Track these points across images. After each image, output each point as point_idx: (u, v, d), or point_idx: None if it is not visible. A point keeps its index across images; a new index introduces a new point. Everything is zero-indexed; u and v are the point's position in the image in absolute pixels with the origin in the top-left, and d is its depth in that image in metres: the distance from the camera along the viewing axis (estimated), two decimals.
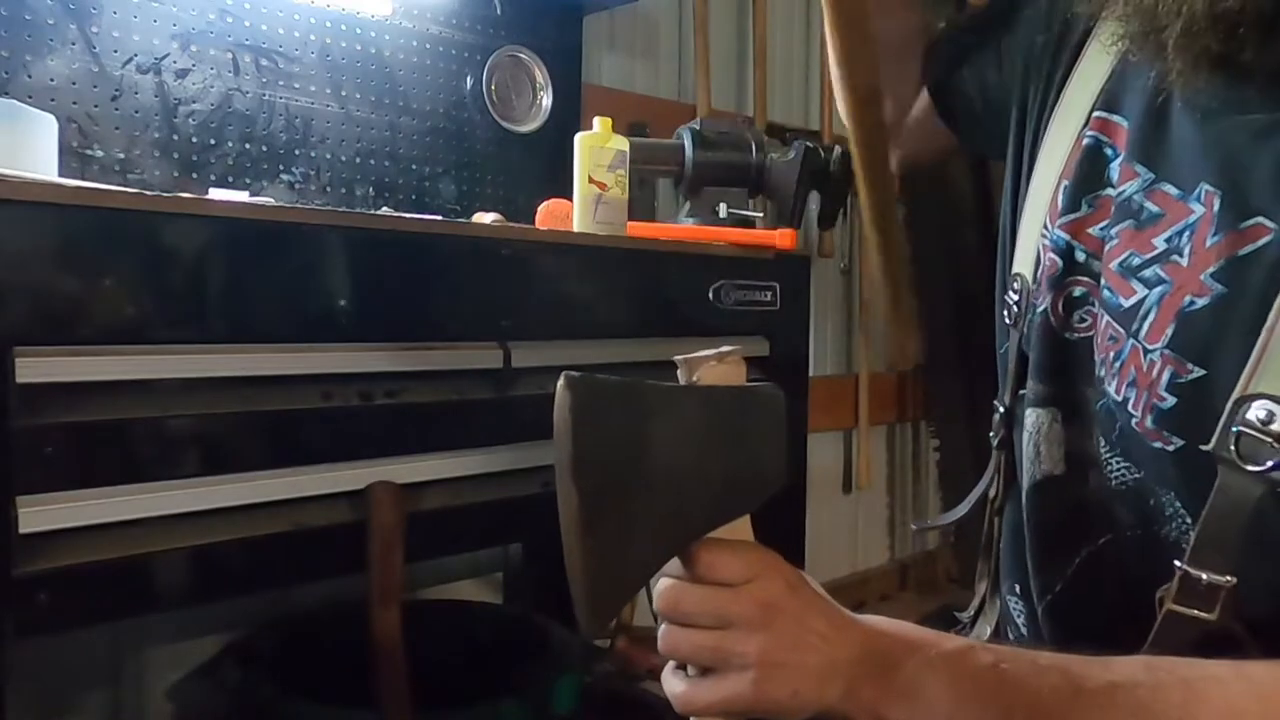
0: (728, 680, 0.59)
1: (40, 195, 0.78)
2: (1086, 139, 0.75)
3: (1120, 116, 0.73)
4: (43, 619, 0.79)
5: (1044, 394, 0.76)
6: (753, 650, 0.58)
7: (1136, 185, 0.70)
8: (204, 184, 1.40)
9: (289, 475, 0.92)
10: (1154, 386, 0.65)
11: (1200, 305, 0.63)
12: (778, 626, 0.59)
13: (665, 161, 1.49)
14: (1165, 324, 0.65)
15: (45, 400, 0.78)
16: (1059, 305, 0.75)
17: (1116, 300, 0.69)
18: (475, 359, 1.05)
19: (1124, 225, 0.70)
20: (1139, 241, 0.68)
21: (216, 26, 1.41)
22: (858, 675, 0.59)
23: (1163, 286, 0.66)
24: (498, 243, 1.08)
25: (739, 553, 0.61)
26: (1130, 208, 0.70)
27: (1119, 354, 0.68)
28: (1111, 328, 0.69)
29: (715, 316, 1.28)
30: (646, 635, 1.91)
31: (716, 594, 0.59)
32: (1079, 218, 0.74)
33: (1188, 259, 0.65)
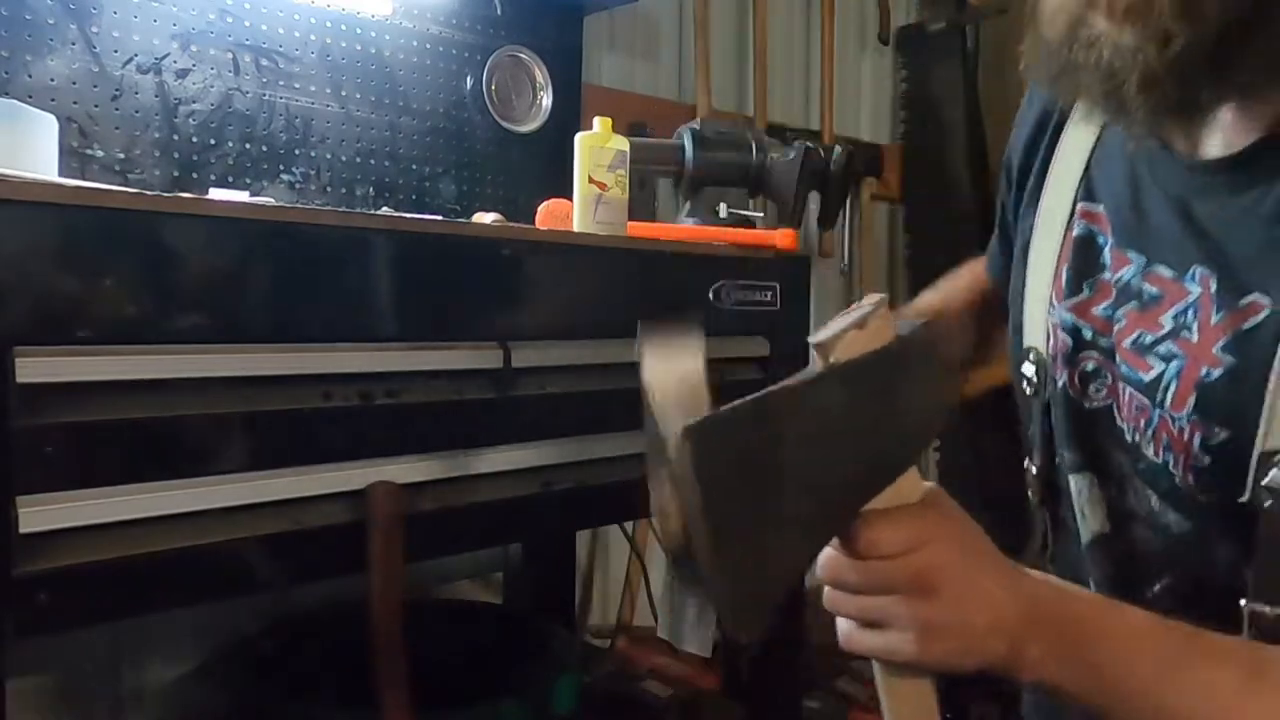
0: (890, 636, 0.60)
1: (40, 195, 0.78)
2: (1078, 227, 0.82)
3: (1100, 205, 0.81)
4: (43, 619, 0.79)
5: (1078, 461, 0.82)
6: (914, 615, 0.59)
7: (1132, 270, 0.77)
8: (204, 184, 1.40)
9: (289, 475, 0.92)
10: (1189, 449, 0.71)
11: (1216, 375, 0.69)
12: (942, 592, 0.59)
13: (665, 161, 1.49)
14: (1187, 394, 0.71)
15: (45, 400, 0.78)
16: (1075, 379, 0.81)
17: (1137, 375, 0.75)
18: (475, 359, 1.05)
19: (1128, 307, 0.76)
20: (1146, 321, 0.75)
21: (216, 26, 1.41)
22: (1024, 634, 0.61)
23: (1178, 361, 0.72)
24: (498, 243, 1.07)
25: (898, 525, 0.60)
26: (1131, 291, 0.76)
27: (1149, 422, 0.74)
28: (1136, 399, 0.75)
29: (715, 316, 1.28)
30: (647, 635, 1.91)
31: (877, 565, 0.60)
32: (1082, 300, 0.81)
33: (1197, 335, 0.71)
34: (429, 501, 1.01)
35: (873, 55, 2.77)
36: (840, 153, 1.51)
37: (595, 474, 1.15)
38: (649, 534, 1.96)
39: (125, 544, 0.82)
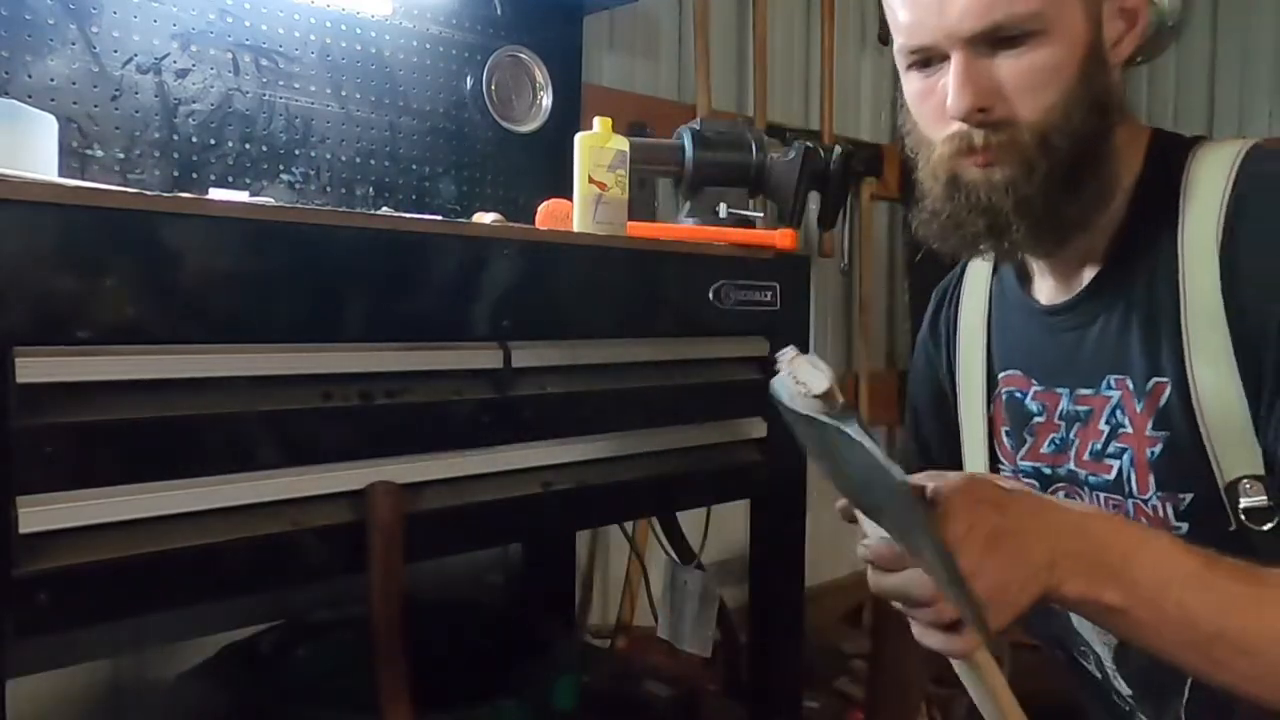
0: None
1: (40, 195, 0.78)
2: (1004, 394, 1.01)
3: (1015, 370, 1.00)
4: (43, 619, 0.79)
5: None
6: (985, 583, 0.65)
7: (1066, 401, 0.94)
8: (204, 184, 1.40)
9: (289, 475, 0.92)
10: (1167, 523, 0.84)
11: (1158, 451, 0.85)
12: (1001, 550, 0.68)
13: (665, 161, 1.49)
14: (1145, 475, 0.86)
15: (45, 400, 0.78)
16: None
17: (1102, 478, 0.90)
18: (475, 359, 1.05)
19: (1076, 428, 0.93)
20: (1091, 433, 0.91)
21: (216, 26, 1.41)
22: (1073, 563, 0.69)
23: (1129, 453, 0.87)
24: (498, 243, 1.07)
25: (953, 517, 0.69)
26: (1071, 416, 0.93)
27: (1125, 514, 0.87)
28: (1111, 498, 0.89)
29: (715, 316, 1.28)
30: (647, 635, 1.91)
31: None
32: (1030, 447, 0.98)
33: (1131, 426, 0.87)
34: (429, 501, 1.01)
35: (873, 55, 2.77)
36: (840, 153, 1.51)
37: (595, 474, 1.15)
38: (649, 534, 1.96)
39: (125, 544, 0.82)
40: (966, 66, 0.81)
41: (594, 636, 2.00)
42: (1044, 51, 0.80)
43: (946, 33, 0.81)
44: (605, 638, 1.96)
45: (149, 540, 0.84)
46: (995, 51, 0.81)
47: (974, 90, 0.81)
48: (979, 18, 0.79)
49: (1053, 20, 0.80)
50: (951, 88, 0.81)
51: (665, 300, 1.25)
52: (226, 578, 0.89)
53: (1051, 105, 0.81)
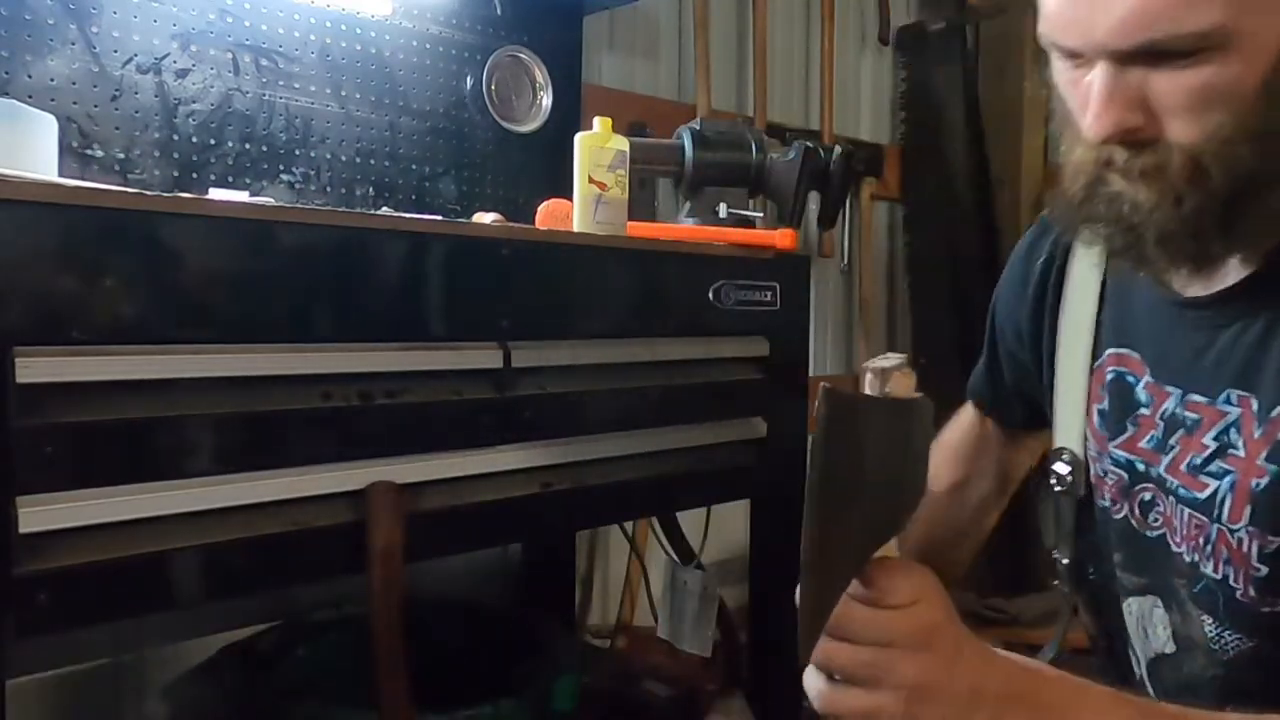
0: (880, 694, 0.62)
1: (40, 195, 0.78)
2: (1109, 372, 0.90)
3: (1131, 350, 0.88)
4: (43, 619, 0.79)
5: (1140, 585, 0.87)
6: (910, 672, 0.61)
7: (1173, 403, 0.84)
8: (204, 184, 1.40)
9: (289, 475, 0.92)
10: (1248, 559, 0.77)
11: (1264, 484, 0.75)
12: (936, 650, 0.62)
13: (665, 161, 1.49)
14: (1242, 505, 0.77)
15: (45, 400, 0.78)
16: (1136, 510, 0.87)
17: (1192, 494, 0.81)
18: (475, 359, 1.05)
19: (1178, 435, 0.83)
20: (1194, 445, 0.81)
21: (216, 26, 1.41)
22: (1005, 707, 0.63)
23: (1231, 476, 0.78)
24: (498, 243, 1.07)
25: (907, 574, 0.64)
26: (1177, 420, 0.83)
27: (1207, 538, 0.80)
28: (1195, 517, 0.81)
29: (715, 316, 1.28)
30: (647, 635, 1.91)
31: (884, 615, 0.62)
32: (1129, 437, 0.88)
33: (1243, 450, 0.77)
34: (429, 501, 1.01)
35: (873, 55, 2.77)
36: (840, 153, 1.51)
37: (595, 474, 1.15)
38: (649, 534, 1.96)
39: (125, 544, 0.82)
40: (1113, 82, 0.69)
41: (594, 636, 2.00)
42: (1215, 69, 0.67)
43: (1095, 44, 0.70)
44: (605, 638, 1.96)
45: (149, 540, 0.84)
46: (1155, 63, 0.68)
47: (1120, 110, 0.70)
48: (1134, 34, 0.67)
49: (1236, 33, 0.66)
50: (1092, 105, 0.70)
51: (665, 300, 1.25)
52: (226, 578, 0.89)
53: (1213, 132, 0.68)
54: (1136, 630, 0.88)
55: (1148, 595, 0.86)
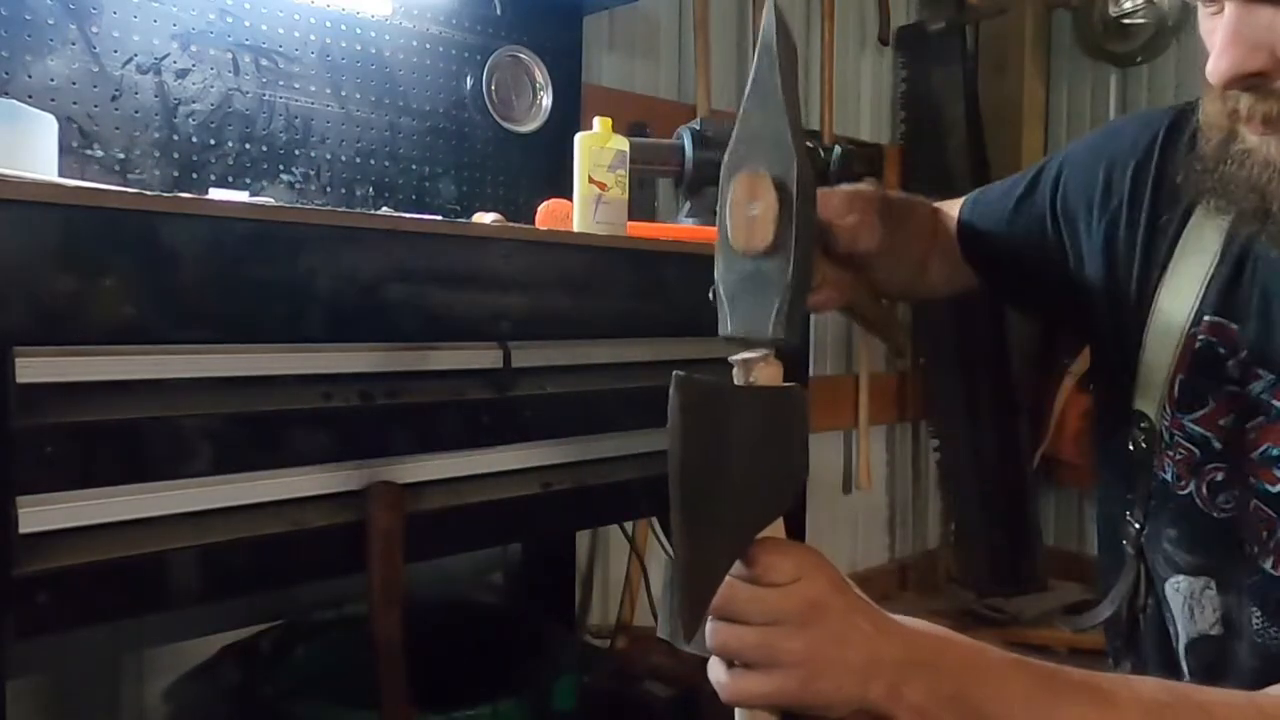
0: (775, 675, 0.61)
1: (40, 195, 0.78)
2: (1200, 341, 0.83)
3: (1232, 322, 0.81)
4: (43, 619, 0.79)
5: (1195, 564, 0.84)
6: (800, 647, 0.60)
7: (1262, 386, 0.78)
8: (204, 184, 1.40)
9: (289, 475, 0.92)
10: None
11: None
12: (824, 623, 0.61)
13: (665, 161, 1.49)
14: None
15: (45, 400, 0.78)
16: (1204, 489, 0.83)
17: (1264, 487, 0.77)
18: (475, 359, 1.05)
19: (1258, 421, 0.78)
20: (1274, 436, 0.77)
21: (216, 26, 1.41)
22: (902, 675, 0.62)
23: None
24: (498, 243, 1.07)
25: (788, 553, 0.63)
26: (1261, 406, 0.78)
27: (1271, 534, 0.76)
28: (1262, 510, 0.77)
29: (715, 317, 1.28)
30: (647, 635, 1.91)
31: (767, 593, 0.62)
32: (1207, 412, 0.82)
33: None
34: (429, 501, 1.01)
35: (873, 55, 2.77)
36: (840, 153, 1.51)
37: (595, 474, 1.15)
38: (649, 534, 1.96)
39: (125, 544, 0.82)
40: (1239, 21, 0.64)
41: (594, 636, 2.00)
42: None
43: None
44: (605, 638, 1.96)
45: (148, 540, 0.83)
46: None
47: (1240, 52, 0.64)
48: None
49: None
50: (1216, 44, 0.65)
51: (665, 300, 1.25)
52: (226, 578, 0.89)
53: None
54: (1182, 609, 0.85)
55: (1200, 576, 0.84)
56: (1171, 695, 0.64)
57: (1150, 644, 0.91)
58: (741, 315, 0.69)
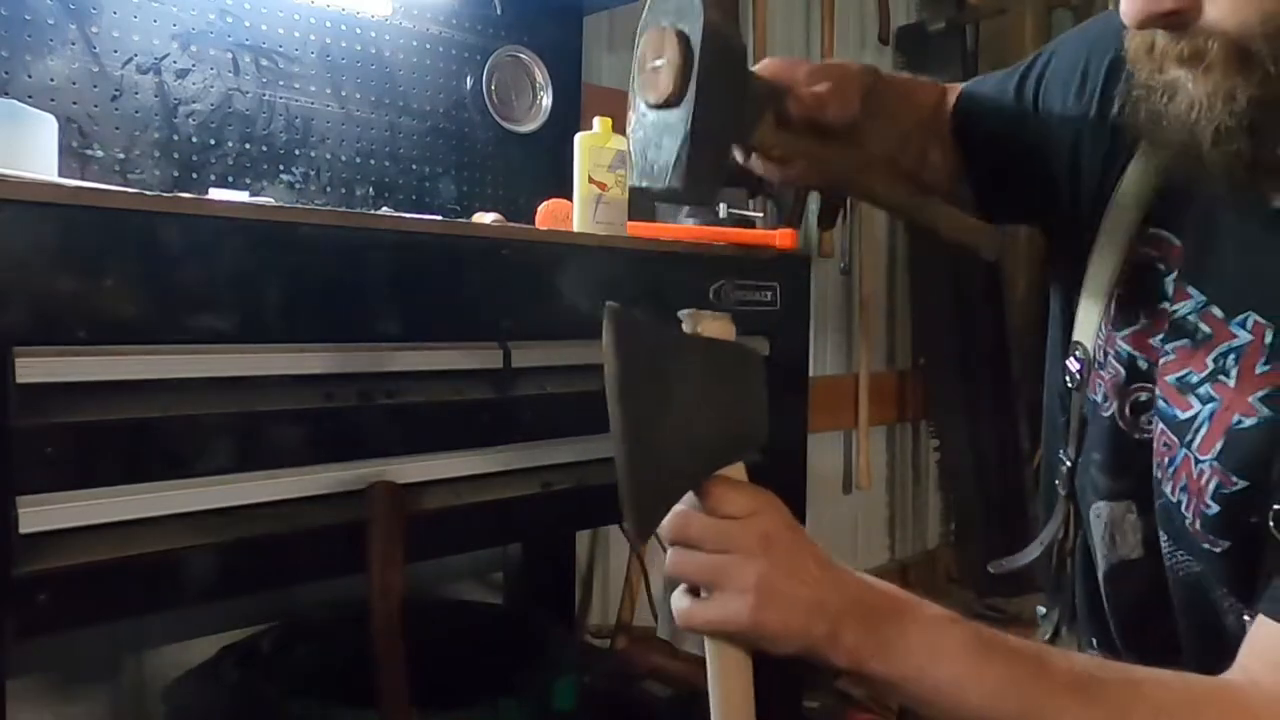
0: (726, 601, 0.63)
1: (40, 195, 0.78)
2: (1140, 255, 0.80)
3: (1172, 234, 0.78)
4: (43, 619, 0.79)
5: (1115, 489, 0.82)
6: (750, 574, 0.63)
7: (1190, 306, 0.76)
8: (204, 184, 1.40)
9: (289, 475, 0.92)
10: (1201, 494, 0.72)
11: (1248, 425, 0.70)
12: (774, 556, 0.63)
13: None
14: (1215, 438, 0.72)
15: (45, 400, 0.78)
16: (1126, 409, 0.81)
17: (1172, 411, 0.76)
18: (475, 359, 1.05)
19: (1180, 343, 0.76)
20: (1195, 361, 0.74)
21: (216, 26, 1.41)
22: (843, 620, 0.63)
23: (1213, 404, 0.72)
24: (498, 243, 1.08)
25: (744, 489, 0.66)
26: (1185, 327, 0.76)
27: (1172, 460, 0.75)
28: (1165, 435, 0.76)
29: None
30: (646, 635, 1.91)
31: (721, 522, 0.64)
32: (1138, 330, 0.80)
33: (1235, 381, 0.71)
34: (429, 501, 1.01)
35: (873, 55, 2.77)
36: None
37: (595, 474, 1.15)
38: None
39: (125, 544, 0.82)
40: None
41: (594, 636, 2.00)
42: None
43: None
44: (605, 638, 1.96)
45: (149, 540, 0.84)
46: None
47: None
48: None
49: None
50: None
51: (665, 300, 1.25)
52: (226, 578, 0.89)
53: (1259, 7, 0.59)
54: (1103, 536, 0.83)
55: (1121, 500, 0.82)
56: (1103, 669, 0.65)
57: (1078, 583, 0.89)
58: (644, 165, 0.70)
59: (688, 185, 0.66)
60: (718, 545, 0.64)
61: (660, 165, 0.68)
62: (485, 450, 1.06)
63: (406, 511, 0.96)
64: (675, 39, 0.66)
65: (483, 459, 1.05)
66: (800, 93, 0.79)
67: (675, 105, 0.66)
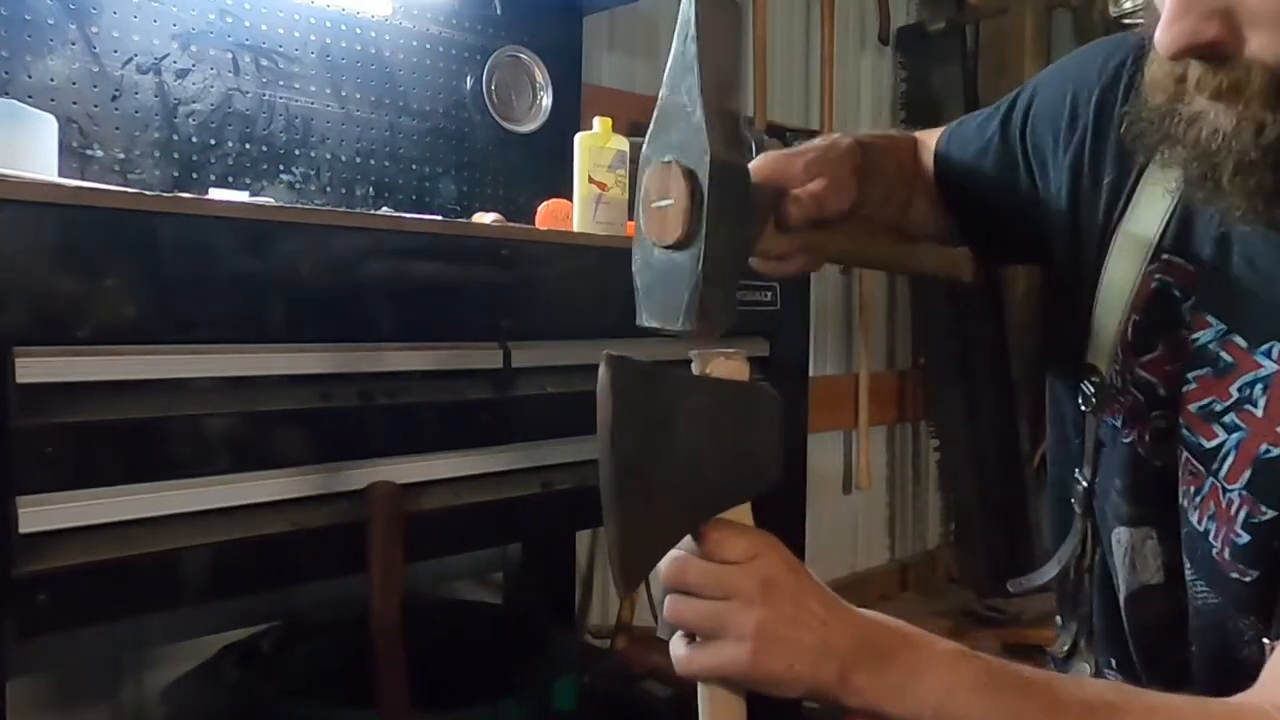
0: (726, 649, 0.62)
1: (40, 195, 0.78)
2: (1155, 282, 0.79)
3: (1187, 261, 0.78)
4: (43, 619, 0.79)
5: (1136, 515, 0.82)
6: (750, 622, 0.61)
7: (1210, 335, 0.75)
8: (204, 184, 1.40)
9: (289, 475, 0.92)
10: (1231, 523, 0.72)
11: (1276, 454, 0.70)
12: (776, 603, 0.62)
13: None
14: (1243, 468, 0.71)
15: (45, 400, 0.78)
16: (1146, 437, 0.80)
17: (1197, 441, 0.75)
18: (475, 359, 1.05)
19: (1202, 372, 0.75)
20: (1219, 389, 0.74)
21: (216, 26, 1.41)
22: (852, 661, 0.62)
23: (1240, 433, 0.72)
24: (498, 243, 1.08)
25: (743, 533, 0.65)
26: (1207, 356, 0.75)
27: (1199, 489, 0.75)
28: (1191, 464, 0.75)
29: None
30: (646, 635, 1.91)
31: (719, 568, 0.63)
32: (1156, 357, 0.79)
33: (1263, 410, 0.71)
34: (429, 501, 1.01)
35: (873, 55, 2.77)
36: None
37: (595, 474, 1.14)
38: None
39: (125, 544, 0.82)
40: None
41: (594, 636, 2.00)
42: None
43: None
44: (605, 638, 1.96)
45: (149, 540, 0.84)
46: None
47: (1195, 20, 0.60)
48: None
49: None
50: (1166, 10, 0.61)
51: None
52: (226, 578, 0.89)
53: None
54: (1124, 561, 0.83)
55: (1142, 526, 0.82)
56: (1119, 696, 0.64)
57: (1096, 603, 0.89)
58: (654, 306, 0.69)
59: (701, 327, 0.65)
60: (716, 591, 0.63)
61: (672, 307, 0.67)
62: (485, 450, 1.06)
63: (406, 511, 0.96)
64: (682, 178, 0.64)
65: (483, 459, 1.05)
66: (798, 195, 0.79)
67: (685, 248, 0.65)
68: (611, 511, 0.60)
